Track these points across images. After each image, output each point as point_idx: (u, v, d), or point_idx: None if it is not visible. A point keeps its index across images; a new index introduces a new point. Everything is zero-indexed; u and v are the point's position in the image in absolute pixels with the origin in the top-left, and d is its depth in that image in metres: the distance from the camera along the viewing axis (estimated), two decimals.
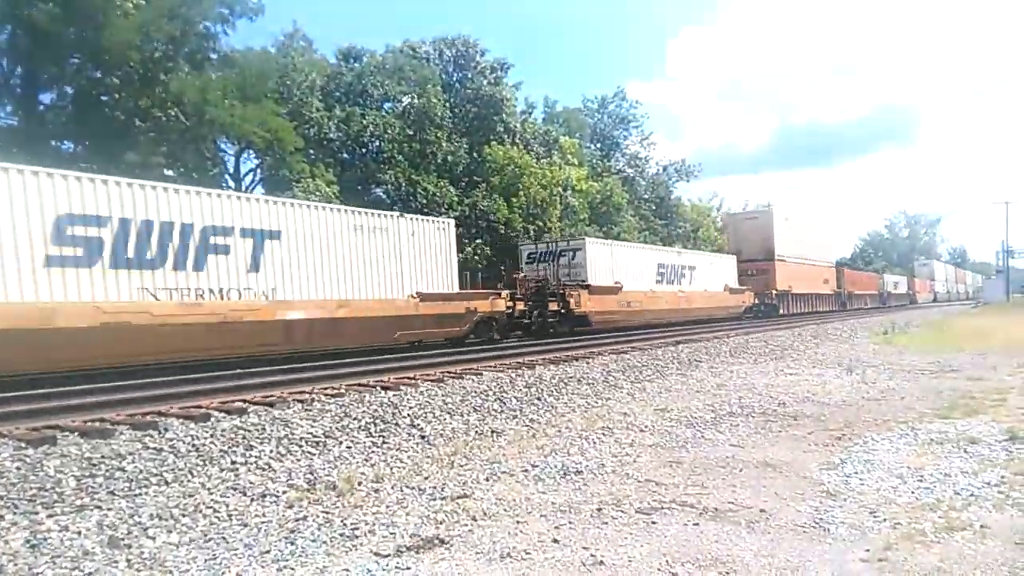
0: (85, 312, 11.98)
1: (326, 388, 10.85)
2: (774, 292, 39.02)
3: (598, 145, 57.71)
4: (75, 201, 12.11)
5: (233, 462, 6.77)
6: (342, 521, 5.10)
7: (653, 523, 4.91)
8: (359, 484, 6.09)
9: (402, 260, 18.36)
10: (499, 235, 35.11)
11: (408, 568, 4.22)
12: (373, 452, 7.41)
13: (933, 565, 4.00)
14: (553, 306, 22.54)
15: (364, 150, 37.63)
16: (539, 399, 10.57)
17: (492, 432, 8.39)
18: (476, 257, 32.15)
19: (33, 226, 11.55)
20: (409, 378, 12.00)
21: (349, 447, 7.55)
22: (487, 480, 6.19)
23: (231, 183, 32.55)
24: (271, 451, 7.19)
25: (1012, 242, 75.45)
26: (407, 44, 41.51)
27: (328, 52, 39.46)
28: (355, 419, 8.65)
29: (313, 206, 17.13)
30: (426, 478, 6.31)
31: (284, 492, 5.93)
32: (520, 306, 21.62)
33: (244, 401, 9.61)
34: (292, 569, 4.28)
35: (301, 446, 7.44)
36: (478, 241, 34.01)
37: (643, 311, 27.06)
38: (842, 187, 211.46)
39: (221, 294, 14.34)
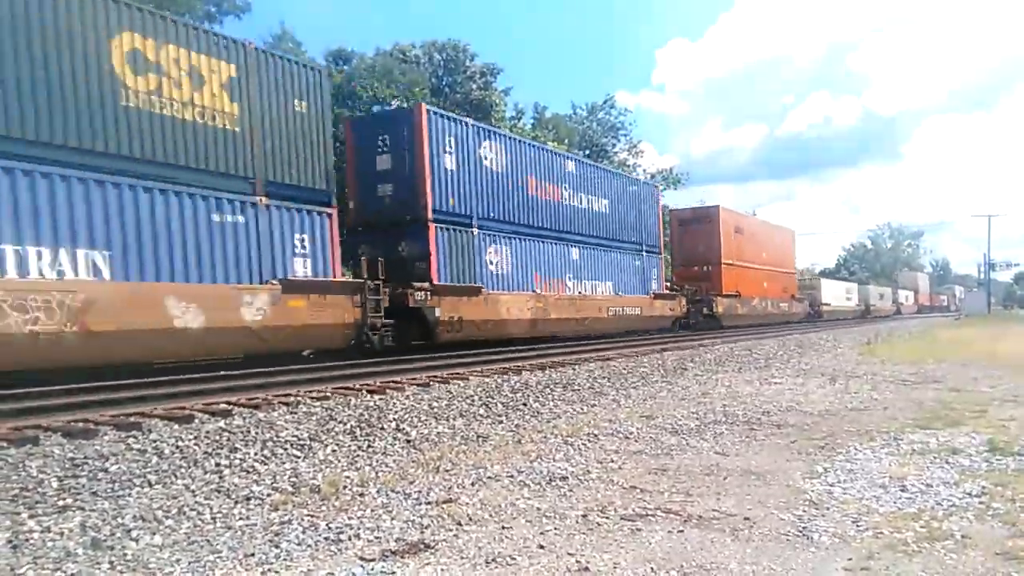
0: None
1: (312, 391, 10.79)
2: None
3: (587, 152, 57.91)
4: None
5: (217, 464, 6.73)
6: (327, 525, 5.09)
7: (638, 530, 4.93)
8: (344, 488, 6.08)
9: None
10: None
11: (393, 572, 4.21)
12: (358, 456, 7.39)
13: (915, 575, 4.04)
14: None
15: None
16: (525, 404, 10.58)
17: (478, 437, 8.39)
18: None
19: None
20: (395, 382, 11.97)
21: (334, 450, 7.53)
22: (473, 485, 6.19)
23: None
24: (256, 454, 7.16)
25: (991, 255, 77.03)
26: (397, 47, 41.55)
27: (317, 54, 39.45)
28: (341, 422, 8.63)
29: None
30: (412, 482, 6.30)
31: (269, 495, 5.90)
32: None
33: (229, 403, 9.54)
34: (276, 572, 4.26)
35: (286, 449, 7.41)
36: None
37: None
38: (830, 198, 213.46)
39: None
